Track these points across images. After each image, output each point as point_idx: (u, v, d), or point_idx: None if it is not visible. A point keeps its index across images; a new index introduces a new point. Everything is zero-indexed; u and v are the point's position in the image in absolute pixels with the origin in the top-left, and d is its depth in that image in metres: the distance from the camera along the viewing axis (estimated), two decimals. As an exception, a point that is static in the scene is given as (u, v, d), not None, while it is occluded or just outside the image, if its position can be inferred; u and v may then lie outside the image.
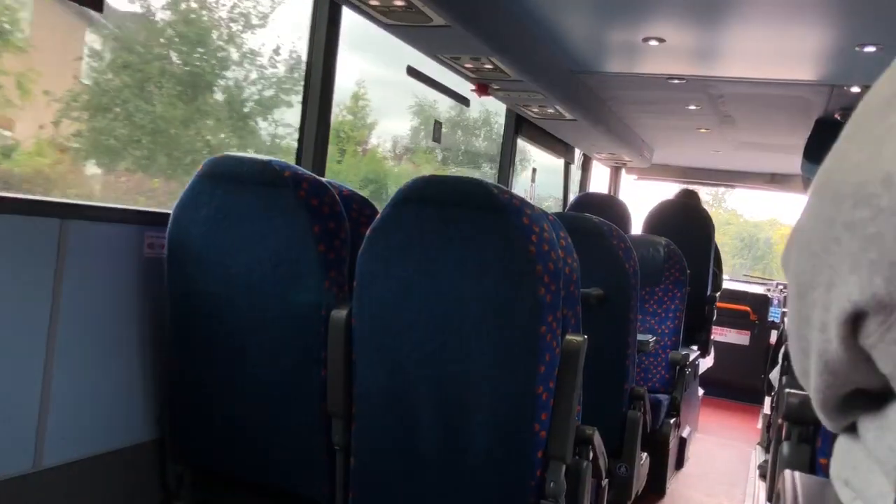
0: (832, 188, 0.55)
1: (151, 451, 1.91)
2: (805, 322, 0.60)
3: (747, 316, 5.73)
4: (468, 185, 1.52)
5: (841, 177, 0.54)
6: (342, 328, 1.63)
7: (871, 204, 0.50)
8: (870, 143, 0.52)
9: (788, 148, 4.68)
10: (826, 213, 0.55)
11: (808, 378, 0.64)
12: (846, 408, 0.63)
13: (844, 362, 0.57)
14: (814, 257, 0.57)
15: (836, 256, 0.54)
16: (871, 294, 0.51)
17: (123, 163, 3.89)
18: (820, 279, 0.56)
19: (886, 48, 2.74)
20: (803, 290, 0.60)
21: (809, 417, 1.24)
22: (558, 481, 1.49)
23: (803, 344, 0.62)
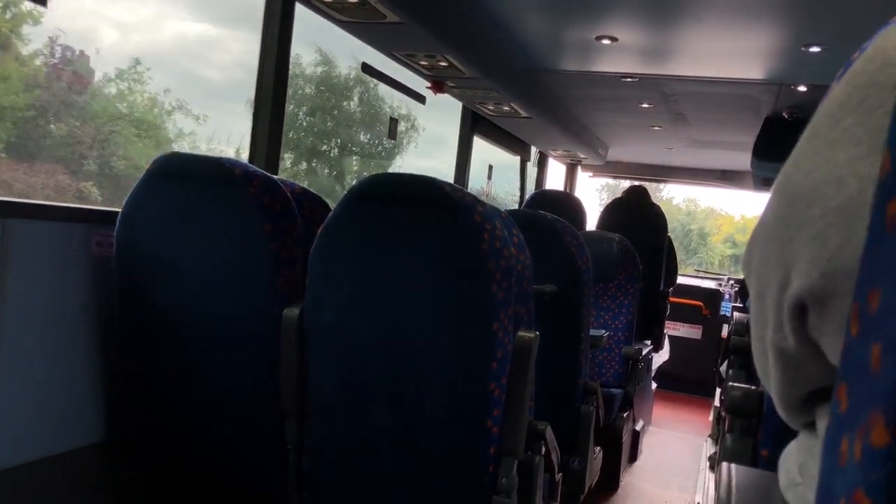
0: (790, 190, 0.56)
1: (101, 454, 1.87)
2: (763, 323, 0.62)
3: (699, 310, 5.83)
4: (420, 183, 1.52)
5: (798, 179, 0.56)
6: (294, 327, 1.61)
7: (822, 204, 0.52)
8: (825, 148, 0.54)
9: (739, 145, 4.77)
10: (783, 215, 0.57)
11: (768, 378, 0.66)
12: (807, 406, 0.65)
13: (801, 358, 0.59)
14: (770, 257, 0.59)
15: (789, 256, 0.56)
16: (809, 287, 0.53)
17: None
18: (775, 278, 0.58)
19: (830, 48, 2.82)
20: (762, 290, 0.61)
21: (751, 410, 1.27)
22: (510, 477, 1.50)
23: (763, 345, 0.64)
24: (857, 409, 0.33)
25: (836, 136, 0.53)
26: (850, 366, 0.35)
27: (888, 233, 0.32)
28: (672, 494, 3.39)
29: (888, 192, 0.33)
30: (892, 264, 0.31)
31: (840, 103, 0.54)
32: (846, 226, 0.50)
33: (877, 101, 0.51)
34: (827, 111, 0.56)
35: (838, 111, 0.54)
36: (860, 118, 0.52)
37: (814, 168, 0.54)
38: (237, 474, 1.76)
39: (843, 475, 0.33)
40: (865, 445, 0.30)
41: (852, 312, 0.36)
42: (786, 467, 0.69)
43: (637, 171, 6.48)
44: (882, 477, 0.28)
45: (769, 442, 1.23)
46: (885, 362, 0.30)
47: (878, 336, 0.31)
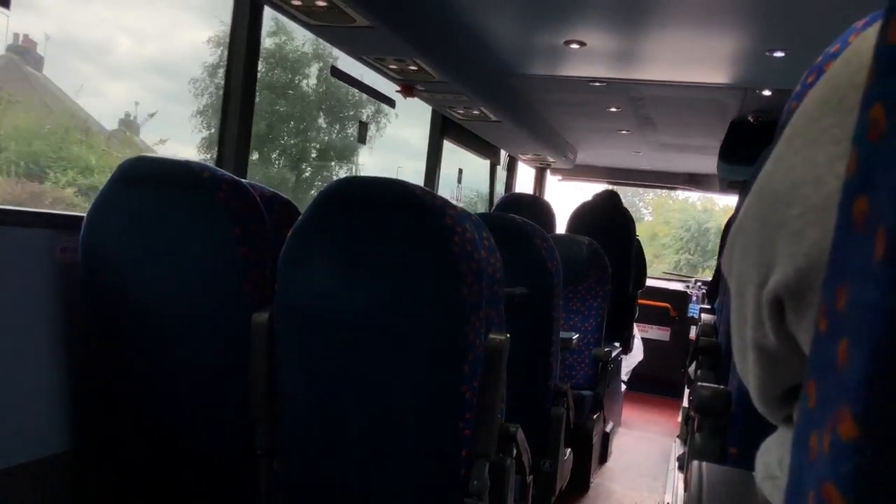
0: (769, 189, 0.57)
1: (68, 463, 1.84)
2: (743, 321, 0.63)
3: (668, 312, 5.89)
4: (390, 186, 1.52)
5: (778, 178, 0.56)
6: (264, 331, 1.60)
7: (801, 203, 0.53)
8: (805, 147, 0.55)
9: (705, 149, 4.83)
10: (762, 214, 0.58)
11: (747, 375, 0.67)
12: (785, 401, 0.66)
13: (781, 353, 0.60)
14: (750, 256, 0.60)
15: (767, 254, 0.56)
16: (785, 283, 0.54)
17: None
18: (754, 277, 0.59)
19: (793, 53, 2.87)
20: (741, 289, 0.62)
21: (720, 409, 1.29)
22: (482, 479, 1.50)
23: (743, 343, 0.65)
24: (825, 405, 0.33)
25: (815, 135, 0.54)
26: (819, 362, 0.36)
27: (855, 231, 0.33)
28: (641, 495, 3.42)
29: (854, 190, 0.34)
30: (858, 261, 0.32)
31: (819, 104, 0.55)
32: (824, 223, 0.51)
33: (854, 102, 0.52)
34: (806, 112, 0.57)
35: (817, 112, 0.55)
36: (838, 118, 0.53)
37: (793, 167, 0.55)
38: (207, 481, 1.74)
39: (813, 469, 0.33)
40: (834, 439, 0.31)
41: (820, 309, 0.37)
42: (764, 460, 0.70)
43: (605, 174, 6.54)
44: (850, 469, 0.29)
45: (737, 440, 1.24)
46: (852, 358, 0.30)
47: (845, 332, 0.32)
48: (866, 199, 0.32)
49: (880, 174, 0.31)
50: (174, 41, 15.67)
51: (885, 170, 0.30)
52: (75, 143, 9.81)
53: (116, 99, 9.50)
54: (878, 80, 0.33)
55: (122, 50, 11.45)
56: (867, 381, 0.29)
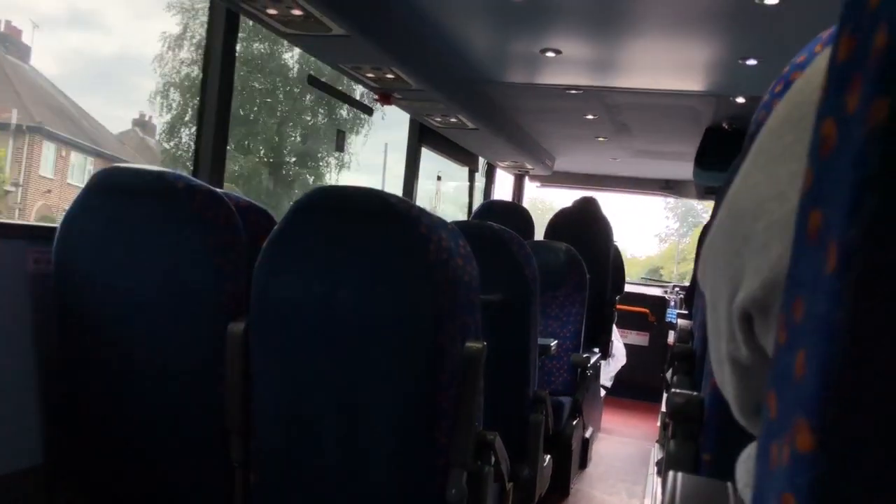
0: (738, 205, 0.58)
1: (37, 478, 1.81)
2: (718, 334, 0.64)
3: (646, 318, 5.93)
4: (366, 195, 1.52)
5: (744, 194, 0.58)
6: (239, 342, 1.59)
7: (766, 218, 0.54)
8: (769, 164, 0.56)
9: (681, 155, 4.88)
10: (731, 229, 0.59)
11: (725, 386, 0.67)
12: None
13: (755, 366, 0.61)
14: (720, 271, 0.61)
15: (736, 269, 0.57)
16: (752, 297, 0.54)
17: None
18: (724, 291, 0.60)
19: (765, 61, 2.91)
20: (714, 303, 0.63)
21: (693, 416, 1.30)
22: (460, 488, 1.50)
23: (719, 356, 0.66)
24: (784, 416, 0.34)
25: (778, 152, 0.55)
26: (779, 374, 0.36)
27: (809, 244, 0.34)
28: (621, 500, 3.43)
29: (809, 204, 0.35)
30: (813, 274, 0.32)
31: (781, 121, 0.56)
32: (786, 238, 0.52)
33: (815, 119, 0.53)
34: (770, 129, 0.58)
35: (780, 129, 0.56)
36: (799, 135, 0.54)
37: (758, 183, 0.56)
38: (180, 494, 1.72)
39: (773, 479, 0.34)
40: (792, 451, 0.31)
41: (779, 322, 0.37)
42: (745, 468, 0.70)
43: (583, 181, 6.58)
44: (808, 481, 0.29)
45: (710, 447, 1.25)
46: (809, 369, 0.31)
47: (802, 344, 0.32)
48: (820, 213, 0.33)
49: (831, 188, 0.31)
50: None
51: (835, 184, 0.31)
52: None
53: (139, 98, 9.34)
54: (829, 96, 0.33)
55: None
56: (822, 392, 0.29)
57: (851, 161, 0.29)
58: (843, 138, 0.30)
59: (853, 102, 0.29)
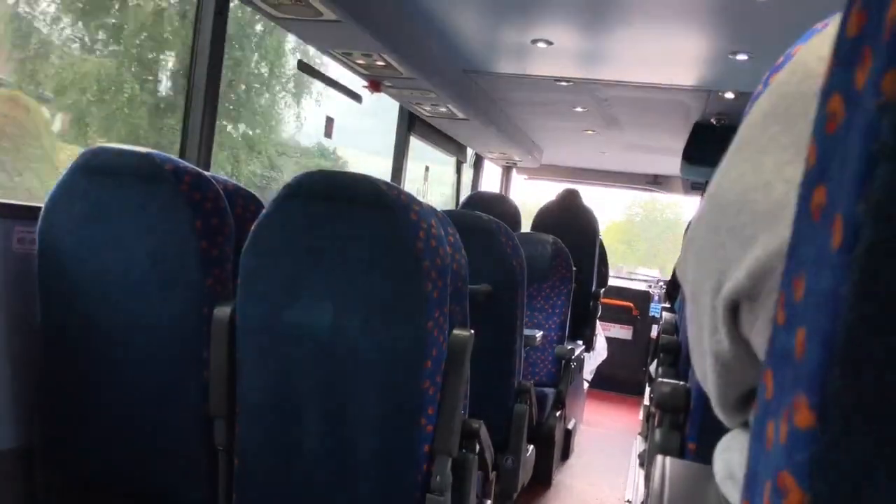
0: (720, 197, 0.59)
1: (17, 460, 1.79)
2: (699, 327, 0.64)
3: (630, 311, 5.95)
4: (355, 181, 1.51)
5: (728, 186, 0.58)
6: (225, 327, 1.58)
7: (751, 209, 0.54)
8: (753, 155, 0.56)
9: (670, 150, 4.89)
10: (714, 222, 0.59)
11: (706, 381, 0.68)
12: (743, 406, 0.67)
13: (737, 359, 0.61)
14: (704, 264, 0.61)
15: (720, 261, 0.57)
16: (740, 287, 0.55)
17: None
18: (708, 284, 0.60)
19: (755, 56, 2.91)
20: (697, 296, 0.63)
21: (679, 405, 1.30)
22: (444, 475, 1.50)
23: (700, 348, 0.66)
24: (782, 394, 0.34)
25: (764, 143, 0.55)
26: (776, 353, 0.36)
27: (813, 221, 0.33)
28: (603, 491, 3.45)
29: (813, 181, 0.34)
30: (816, 251, 0.32)
31: (765, 113, 0.56)
32: (774, 228, 0.52)
33: (801, 110, 0.53)
34: (753, 121, 0.58)
35: (764, 120, 0.56)
36: (786, 126, 0.54)
37: (742, 174, 0.56)
38: (163, 479, 1.71)
39: (769, 458, 0.34)
40: (790, 428, 0.31)
41: (779, 301, 0.37)
42: (724, 458, 0.71)
43: (571, 174, 6.59)
44: (806, 458, 0.29)
45: (695, 436, 1.26)
46: (809, 347, 0.31)
47: (802, 321, 0.32)
48: (824, 189, 0.33)
49: (837, 164, 0.31)
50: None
51: (842, 159, 0.30)
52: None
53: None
54: (836, 71, 0.33)
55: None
56: (822, 368, 0.29)
57: (861, 134, 0.28)
58: (852, 112, 0.30)
59: (863, 76, 0.29)
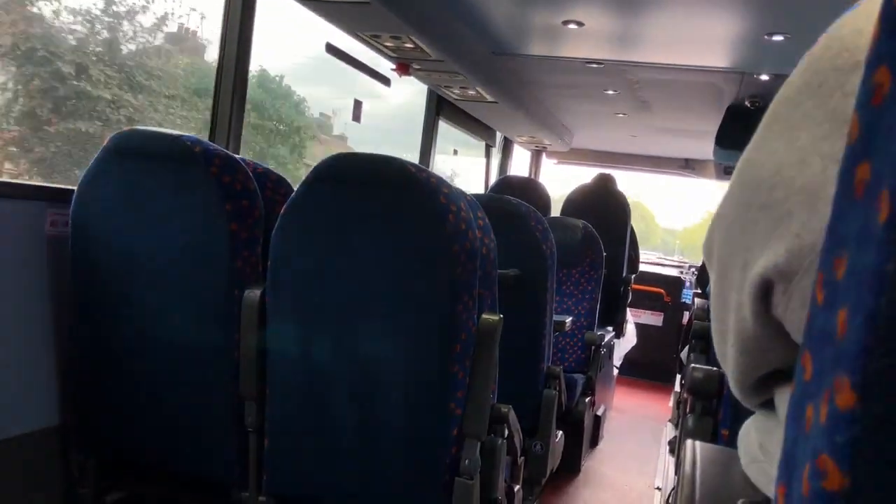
0: (752, 174, 0.58)
1: (53, 439, 1.83)
2: (723, 305, 0.63)
3: (661, 298, 5.90)
4: (384, 163, 1.51)
5: (760, 162, 0.57)
6: (255, 309, 1.59)
7: (786, 185, 0.53)
8: (786, 131, 0.55)
9: (702, 134, 4.82)
10: (745, 199, 0.58)
11: (726, 360, 0.67)
12: (762, 387, 0.66)
13: (760, 339, 0.60)
14: (732, 241, 0.60)
15: (751, 238, 0.56)
16: (774, 265, 0.54)
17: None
18: (737, 261, 0.59)
19: (794, 37, 2.85)
20: (723, 273, 0.62)
21: (712, 390, 1.29)
22: (473, 459, 1.50)
23: (722, 327, 0.65)
24: (822, 376, 0.33)
25: (798, 119, 0.54)
26: (815, 334, 0.35)
27: (855, 198, 0.32)
28: (632, 478, 3.43)
29: (855, 157, 0.33)
30: (859, 229, 0.31)
31: (799, 88, 0.56)
32: (810, 204, 0.52)
33: (835, 84, 0.53)
34: (786, 97, 0.58)
35: (798, 96, 0.55)
36: (820, 101, 0.54)
37: (775, 151, 0.55)
38: (195, 457, 1.73)
39: (808, 441, 0.33)
40: (831, 409, 0.30)
41: (817, 281, 0.36)
42: (745, 445, 0.70)
43: (601, 158, 6.52)
44: (847, 439, 0.28)
45: (729, 422, 1.25)
46: (851, 327, 0.30)
47: (843, 301, 0.31)
48: (868, 165, 0.32)
49: (883, 138, 0.30)
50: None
51: (888, 132, 0.29)
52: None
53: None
54: (883, 42, 0.32)
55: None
56: (866, 348, 0.28)
57: None
58: None
59: None
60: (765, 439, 0.66)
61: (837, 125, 0.51)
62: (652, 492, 3.24)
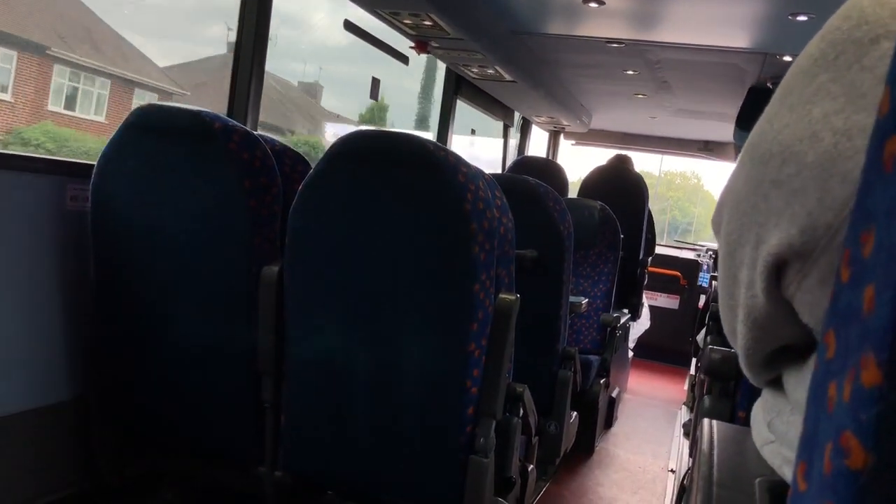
0: (763, 148, 0.57)
1: (74, 411, 1.86)
2: (733, 281, 0.62)
3: (677, 281, 5.88)
4: (403, 141, 1.51)
5: (772, 137, 0.56)
6: (273, 285, 1.60)
7: (797, 160, 0.52)
8: (800, 104, 0.54)
9: (722, 116, 4.77)
10: (756, 173, 0.57)
11: (735, 336, 0.66)
12: (771, 364, 0.66)
13: (770, 317, 0.59)
14: (743, 216, 0.59)
15: (763, 214, 0.56)
16: (789, 244, 0.53)
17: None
18: (748, 237, 0.58)
19: (818, 17, 2.80)
20: (732, 248, 0.62)
21: (730, 372, 1.29)
22: (488, 437, 1.51)
23: (731, 303, 0.64)
24: (846, 354, 0.32)
25: (811, 92, 0.53)
26: (840, 311, 0.35)
27: (885, 172, 0.32)
28: (646, 461, 3.44)
29: (887, 130, 0.32)
30: (889, 203, 0.30)
31: (814, 60, 0.54)
32: (823, 180, 0.51)
33: (853, 57, 0.51)
34: (800, 68, 0.56)
35: (813, 67, 0.54)
36: (835, 74, 0.52)
37: (787, 125, 0.54)
38: (212, 432, 1.75)
39: (831, 420, 0.33)
40: (856, 387, 0.30)
41: (843, 258, 0.36)
42: (756, 427, 0.70)
43: (620, 140, 6.48)
44: (873, 417, 0.28)
45: (746, 403, 1.24)
46: (879, 303, 0.29)
47: (871, 277, 0.31)
48: None
49: None
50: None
51: None
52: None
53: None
54: None
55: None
56: (893, 324, 0.28)
57: None
58: None
59: None
60: (773, 419, 0.66)
61: (852, 99, 0.50)
62: (665, 474, 3.25)
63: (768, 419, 0.67)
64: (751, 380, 0.70)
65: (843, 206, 0.49)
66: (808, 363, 0.61)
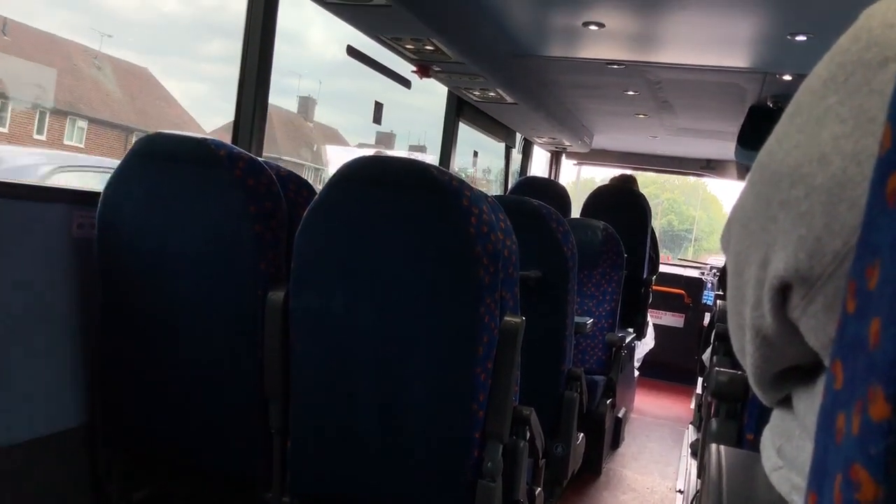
0: (772, 169, 0.56)
1: (80, 437, 1.85)
2: (741, 299, 0.62)
3: (682, 299, 5.86)
4: (407, 166, 1.52)
5: (781, 157, 0.55)
6: (279, 310, 1.61)
7: (805, 183, 0.52)
8: (809, 125, 0.54)
9: (723, 134, 4.78)
10: (765, 193, 0.57)
11: (744, 355, 0.66)
12: (780, 383, 0.66)
13: (778, 336, 0.59)
14: (751, 235, 0.59)
15: (771, 234, 0.56)
16: (795, 269, 0.53)
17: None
18: (755, 256, 0.58)
19: (817, 37, 2.82)
20: (740, 267, 0.62)
21: (737, 394, 1.28)
22: (495, 460, 1.50)
23: (740, 321, 0.64)
24: (853, 385, 0.33)
25: (820, 113, 0.53)
26: (846, 342, 0.35)
27: (889, 208, 0.32)
28: (654, 480, 3.42)
29: (889, 166, 0.33)
30: (893, 238, 0.31)
31: (824, 81, 0.54)
32: (831, 205, 0.50)
33: (862, 80, 0.51)
34: (810, 89, 0.56)
35: (822, 89, 0.54)
36: (844, 96, 0.52)
37: (797, 146, 0.54)
38: (219, 458, 1.75)
39: (840, 451, 0.33)
40: (864, 419, 0.30)
41: (849, 289, 0.36)
42: (766, 452, 0.69)
43: (621, 159, 6.49)
44: (882, 450, 0.28)
45: (754, 426, 1.24)
46: (885, 337, 0.30)
47: (877, 311, 0.31)
48: None
49: None
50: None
51: None
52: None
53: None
54: None
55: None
56: None
57: None
58: None
59: None
60: (783, 444, 0.66)
61: (861, 123, 0.49)
62: (673, 495, 3.23)
63: (778, 444, 0.66)
64: (761, 398, 0.70)
65: (852, 233, 0.49)
66: (818, 385, 0.61)
